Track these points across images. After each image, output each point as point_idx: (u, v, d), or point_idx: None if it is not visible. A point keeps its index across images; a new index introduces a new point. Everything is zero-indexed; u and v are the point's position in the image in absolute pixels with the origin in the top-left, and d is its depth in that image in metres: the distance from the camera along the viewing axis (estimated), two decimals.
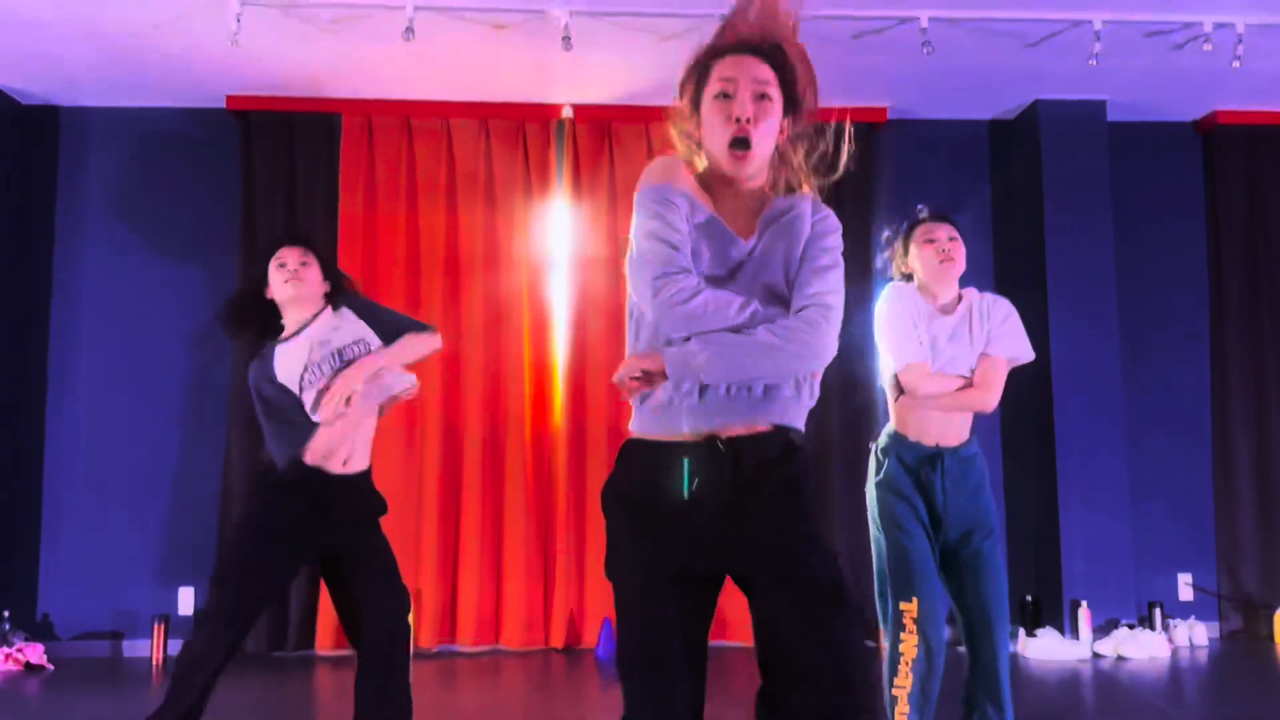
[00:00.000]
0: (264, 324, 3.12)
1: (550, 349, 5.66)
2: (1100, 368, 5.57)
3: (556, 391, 5.63)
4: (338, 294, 3.12)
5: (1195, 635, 5.45)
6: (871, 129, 5.83)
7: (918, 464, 2.86)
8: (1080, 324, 5.57)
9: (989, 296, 3.02)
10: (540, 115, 5.69)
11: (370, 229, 5.65)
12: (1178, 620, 5.50)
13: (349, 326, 3.07)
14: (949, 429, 2.91)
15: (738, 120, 1.75)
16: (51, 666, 5.11)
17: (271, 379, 2.98)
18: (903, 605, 2.78)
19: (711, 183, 1.84)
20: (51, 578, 5.48)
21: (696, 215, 1.79)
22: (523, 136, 5.73)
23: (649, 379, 1.76)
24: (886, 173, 5.92)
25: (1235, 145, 5.93)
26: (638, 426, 1.82)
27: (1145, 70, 5.30)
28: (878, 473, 2.91)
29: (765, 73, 1.79)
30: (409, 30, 4.46)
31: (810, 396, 1.82)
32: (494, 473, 5.55)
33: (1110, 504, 5.48)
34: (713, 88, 1.80)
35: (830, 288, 1.76)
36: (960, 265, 2.99)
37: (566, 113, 5.67)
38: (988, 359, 2.92)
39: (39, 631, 5.36)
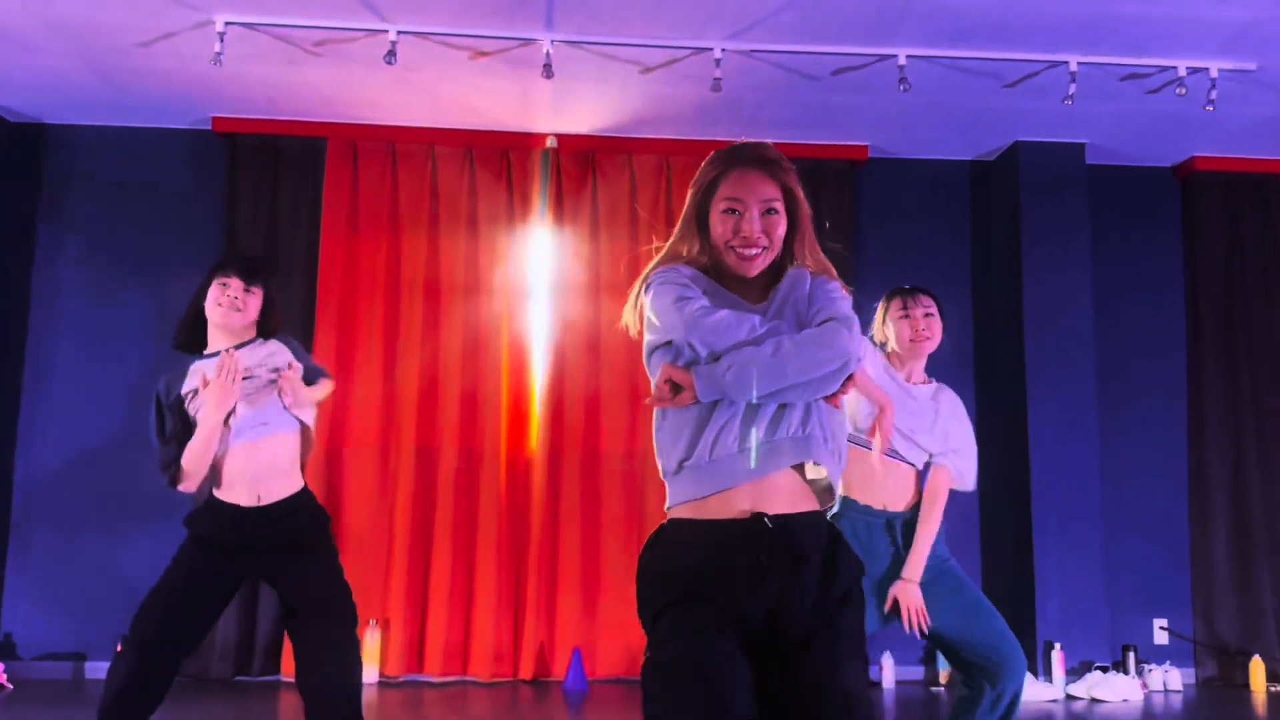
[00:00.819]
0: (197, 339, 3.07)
1: (528, 377, 5.65)
2: (1076, 409, 5.57)
3: (533, 419, 5.62)
4: (269, 329, 3.08)
5: (1170, 680, 5.40)
6: (852, 166, 5.88)
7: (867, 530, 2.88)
8: (1057, 366, 5.57)
9: (958, 402, 3.03)
10: (524, 144, 5.73)
11: (352, 253, 5.67)
12: (1152, 665, 5.45)
13: (278, 354, 3.04)
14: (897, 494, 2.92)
15: (744, 239, 1.84)
16: (11, 686, 5.04)
17: (175, 393, 2.95)
18: None
19: (715, 271, 1.91)
20: (16, 598, 5.41)
21: (706, 290, 1.87)
22: (507, 165, 5.77)
23: (677, 392, 1.79)
24: (867, 211, 5.97)
25: (1213, 192, 5.98)
26: (680, 496, 1.81)
27: (1123, 114, 5.36)
28: None
29: (771, 190, 1.86)
30: (391, 54, 4.50)
31: (837, 446, 1.83)
32: (467, 501, 5.51)
33: (1085, 546, 5.46)
34: (720, 204, 1.87)
35: (843, 310, 1.82)
36: (933, 343, 3.01)
37: (551, 142, 5.71)
38: (941, 470, 2.92)
39: (1, 651, 5.28)
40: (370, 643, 5.28)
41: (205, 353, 3.03)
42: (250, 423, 2.96)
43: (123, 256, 5.67)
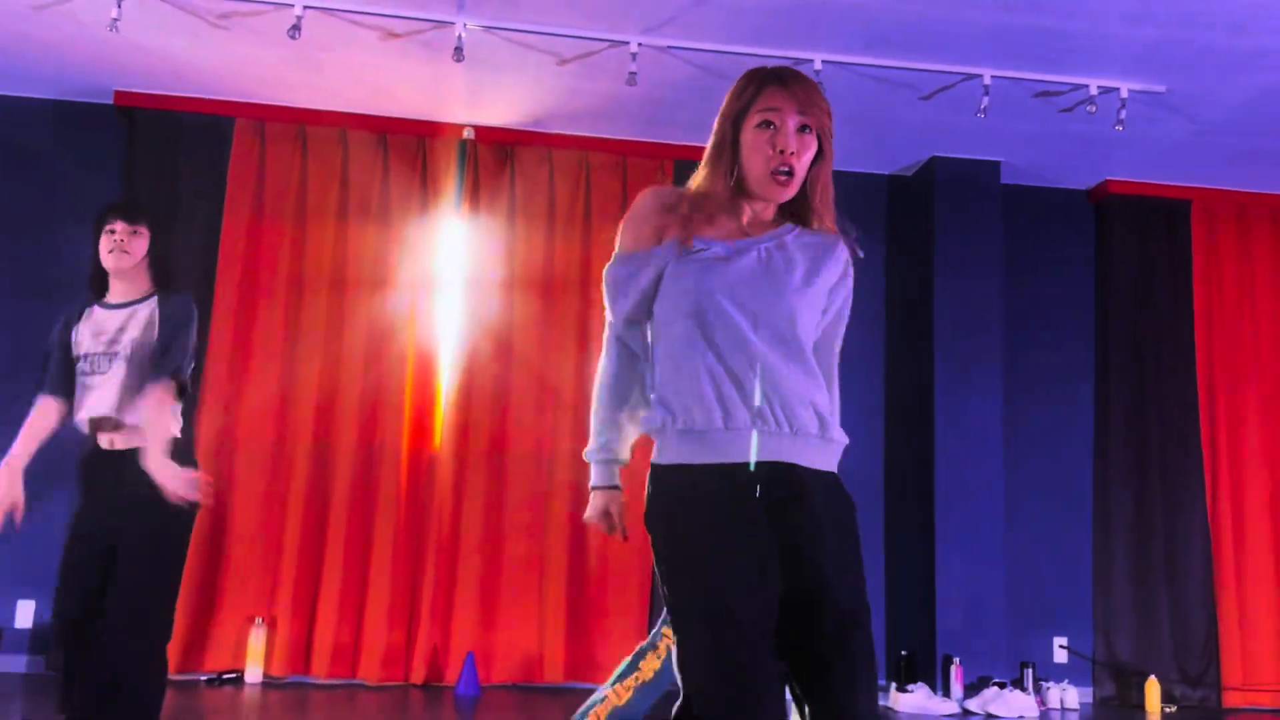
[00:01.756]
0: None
1: (434, 373, 5.50)
2: (983, 425, 5.58)
3: (438, 418, 5.47)
4: (166, 285, 3.02)
5: (1067, 699, 5.40)
6: None
7: None
8: (965, 383, 5.58)
9: None
10: (440, 134, 5.60)
11: (255, 239, 5.48)
12: (1050, 682, 5.46)
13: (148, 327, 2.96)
14: None
15: (781, 152, 1.80)
16: None
17: (66, 339, 2.98)
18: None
19: (731, 199, 1.88)
20: None
21: (702, 209, 1.88)
22: (422, 155, 5.63)
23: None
24: None
25: (1125, 215, 6.06)
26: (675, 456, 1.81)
27: (1038, 134, 5.40)
28: None
29: (808, 107, 1.83)
30: (295, 29, 4.36)
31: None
32: (364, 499, 5.34)
33: (987, 562, 5.46)
34: (755, 117, 1.82)
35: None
36: None
37: (468, 134, 5.59)
38: None
39: None
40: (255, 642, 5.08)
41: (105, 301, 3.02)
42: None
43: (14, 232, 5.41)
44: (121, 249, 2.95)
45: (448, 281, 5.56)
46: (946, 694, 5.20)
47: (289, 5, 4.37)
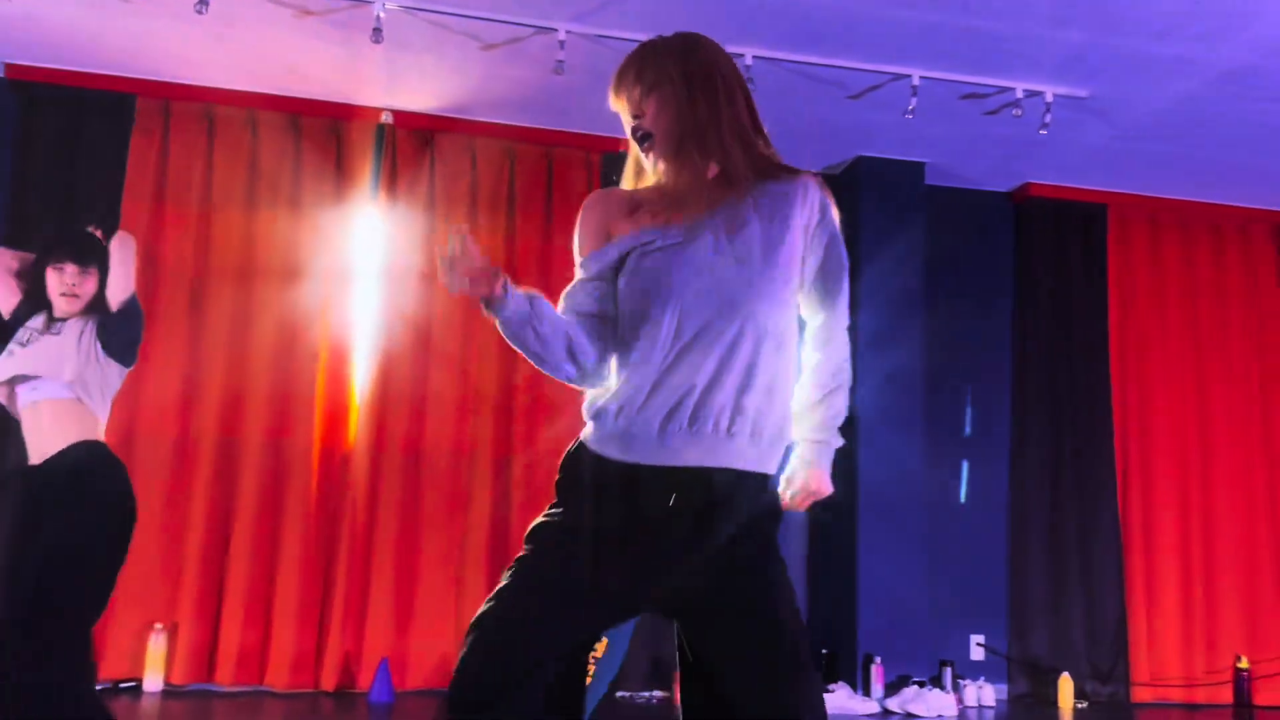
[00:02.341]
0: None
1: (348, 369, 5.29)
2: (904, 424, 5.58)
3: (352, 415, 5.26)
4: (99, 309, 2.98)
5: (984, 696, 5.45)
6: None
7: None
8: (886, 384, 5.58)
9: None
10: (356, 118, 5.39)
11: (157, 227, 5.20)
12: (968, 680, 5.50)
13: (63, 356, 2.92)
14: None
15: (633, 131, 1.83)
16: None
17: None
18: None
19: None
20: None
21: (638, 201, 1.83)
22: (336, 139, 5.41)
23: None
24: None
25: (1044, 218, 6.14)
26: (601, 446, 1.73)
27: (963, 135, 5.42)
28: None
29: (624, 105, 1.83)
30: (202, 2, 4.12)
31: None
32: (273, 499, 5.11)
33: (908, 561, 5.47)
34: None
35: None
36: None
37: (386, 118, 5.39)
38: None
39: None
40: (155, 648, 4.83)
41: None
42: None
43: None
44: (71, 292, 2.92)
45: (363, 273, 5.35)
46: (867, 693, 5.20)
47: None
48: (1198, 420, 6.10)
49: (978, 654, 5.77)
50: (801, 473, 1.82)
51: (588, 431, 1.75)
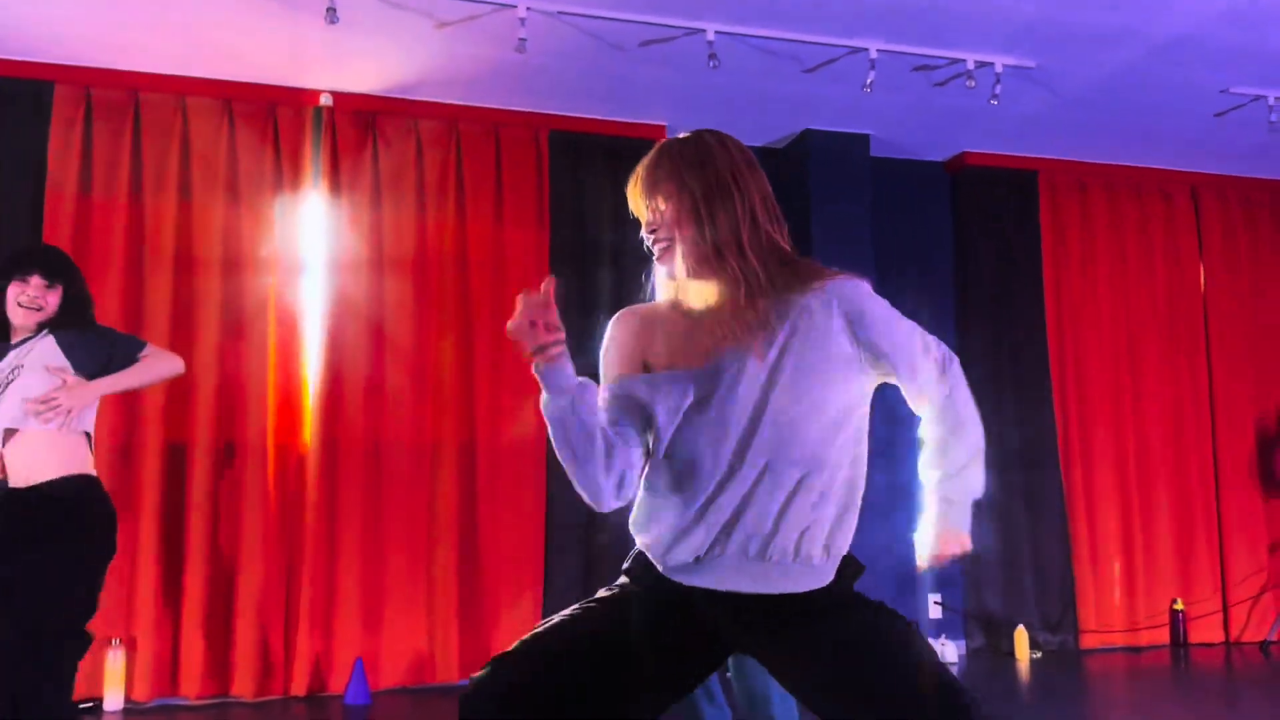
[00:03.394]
0: None
1: (299, 361, 5.09)
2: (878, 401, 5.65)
3: (306, 409, 5.07)
4: (61, 322, 2.94)
5: (947, 652, 5.62)
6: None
7: None
8: None
9: None
10: (294, 101, 5.15)
11: (84, 221, 4.89)
12: (930, 638, 5.65)
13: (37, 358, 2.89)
14: None
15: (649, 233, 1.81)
16: None
17: None
18: None
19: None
20: None
21: (656, 320, 1.86)
22: (273, 123, 5.16)
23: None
24: None
25: (979, 186, 6.27)
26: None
27: (905, 107, 5.48)
28: None
29: (645, 200, 1.81)
30: None
31: None
32: (228, 501, 4.90)
33: (868, 529, 5.54)
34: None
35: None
36: None
37: (325, 100, 5.16)
38: None
39: None
40: (113, 665, 4.59)
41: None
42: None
43: None
44: (34, 304, 2.88)
45: (311, 261, 5.15)
46: None
47: None
48: (1130, 374, 6.35)
49: (935, 613, 5.93)
50: (931, 533, 1.81)
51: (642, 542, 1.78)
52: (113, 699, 4.59)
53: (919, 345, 1.79)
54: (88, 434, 2.99)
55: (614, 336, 1.82)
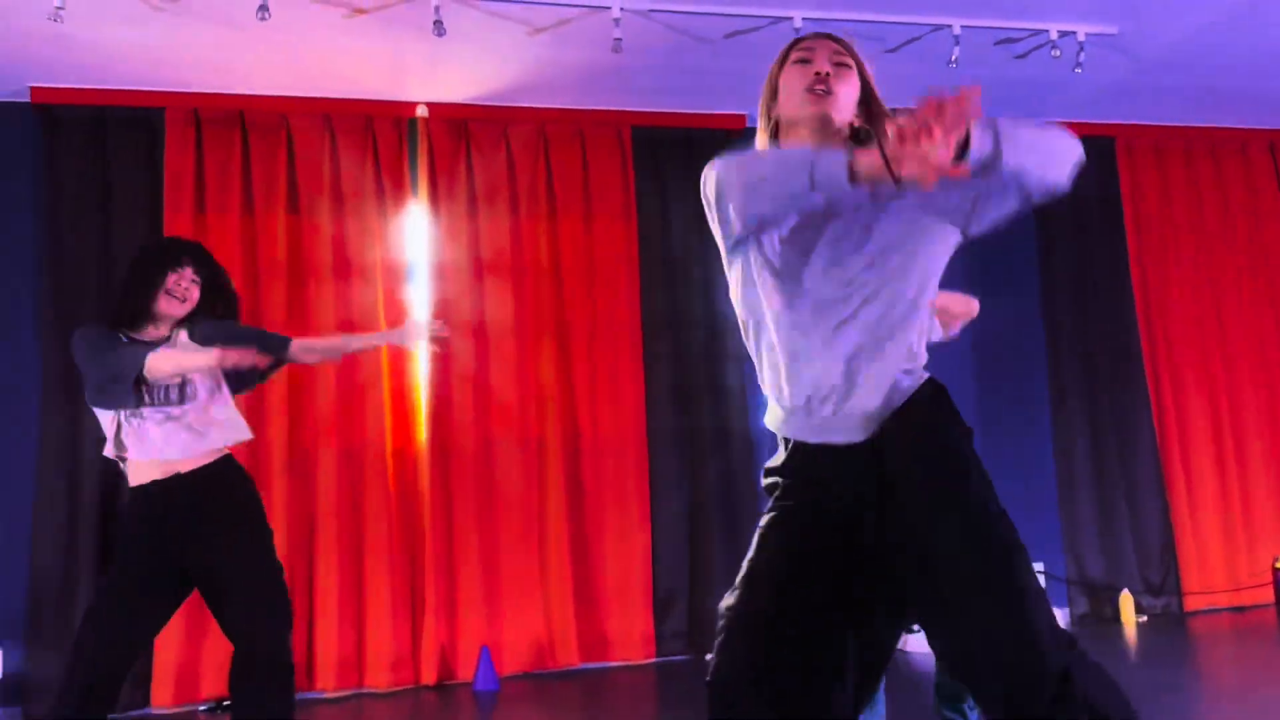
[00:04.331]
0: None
1: (410, 363, 5.28)
2: (948, 367, 5.70)
3: (419, 408, 5.26)
4: (197, 316, 3.06)
5: None
6: (729, 136, 5.81)
7: None
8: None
9: None
10: (390, 113, 5.34)
11: (200, 238, 5.07)
12: None
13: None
14: None
15: (816, 74, 1.84)
16: None
17: (138, 372, 2.85)
18: None
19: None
20: None
21: None
22: (372, 136, 5.35)
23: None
24: None
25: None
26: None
27: (985, 80, 5.46)
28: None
29: (840, 48, 1.90)
30: (264, 9, 4.05)
31: None
32: (351, 501, 5.10)
33: None
34: (792, 60, 1.89)
35: None
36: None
37: (421, 111, 5.34)
38: None
39: None
40: None
41: (144, 336, 2.97)
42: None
43: None
44: (182, 296, 2.98)
45: (415, 266, 5.33)
46: None
47: None
48: (1219, 332, 6.34)
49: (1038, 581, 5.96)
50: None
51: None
52: None
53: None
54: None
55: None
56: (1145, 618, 5.83)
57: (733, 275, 1.86)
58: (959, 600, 1.64)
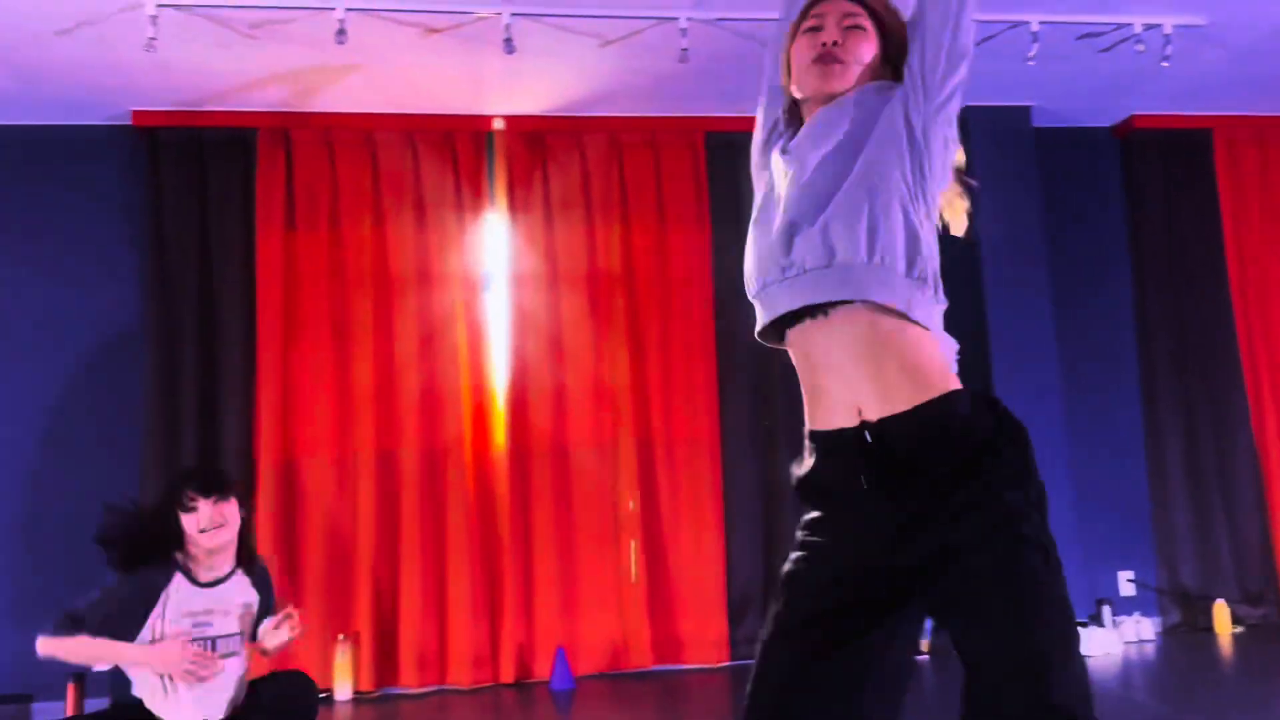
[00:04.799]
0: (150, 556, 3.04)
1: (488, 369, 5.42)
2: (1037, 367, 5.62)
3: (497, 413, 5.40)
4: (251, 556, 3.11)
5: (1142, 630, 5.51)
6: None
7: None
8: (1017, 329, 5.61)
9: None
10: (470, 127, 5.48)
11: (290, 249, 5.34)
12: (1123, 616, 5.55)
13: (240, 607, 3.09)
14: None
15: (823, 44, 1.73)
16: None
17: (148, 599, 2.93)
18: None
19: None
20: None
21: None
22: (452, 149, 5.51)
23: None
24: None
25: (1150, 149, 6.10)
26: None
27: (1069, 74, 5.40)
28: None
29: (854, 8, 1.75)
30: (341, 33, 4.22)
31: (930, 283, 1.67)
32: (433, 502, 5.27)
33: (1055, 505, 5.47)
34: (802, 29, 1.78)
35: None
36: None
37: (497, 124, 5.47)
38: None
39: None
40: (341, 659, 5.01)
41: (195, 574, 3.06)
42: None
43: (41, 264, 5.24)
44: (215, 523, 2.98)
45: (493, 276, 5.47)
46: None
47: (329, 9, 4.23)
48: None
49: (1128, 590, 5.81)
50: None
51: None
52: (342, 689, 5.01)
53: None
54: None
55: None
56: (1241, 628, 5.62)
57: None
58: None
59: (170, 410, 5.04)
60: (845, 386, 1.62)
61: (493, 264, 5.48)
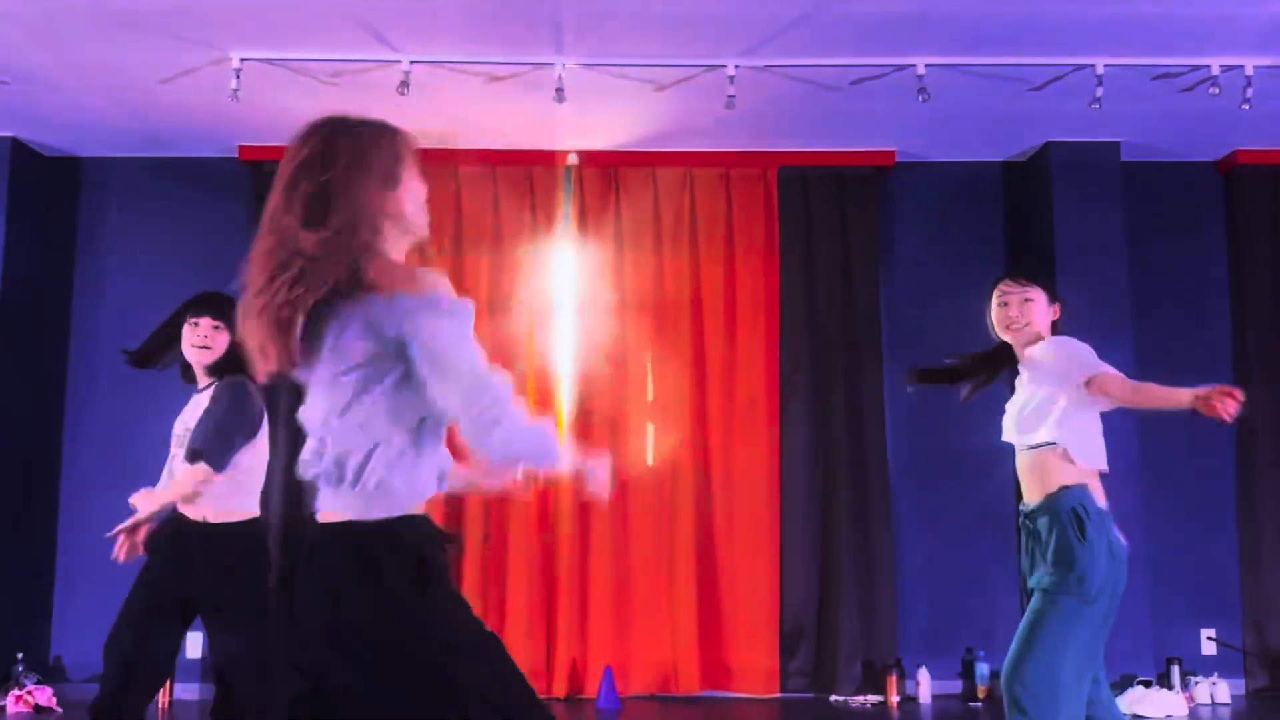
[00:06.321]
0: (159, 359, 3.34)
1: (554, 394, 5.65)
2: (1116, 414, 5.40)
3: (560, 438, 5.60)
4: (226, 369, 3.20)
5: (1217, 693, 5.25)
6: (879, 172, 5.78)
7: None
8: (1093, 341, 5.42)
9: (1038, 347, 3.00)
10: (547, 161, 5.72)
11: None
12: (1199, 677, 5.31)
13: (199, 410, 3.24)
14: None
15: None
16: (60, 710, 5.18)
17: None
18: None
19: None
20: (65, 621, 5.56)
21: None
22: (530, 183, 5.76)
23: None
24: (897, 215, 5.88)
25: (1258, 185, 5.78)
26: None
27: (1160, 112, 5.19)
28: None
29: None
30: (404, 85, 4.51)
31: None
32: (496, 521, 5.54)
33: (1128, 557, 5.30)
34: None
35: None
36: (1028, 331, 3.04)
37: (572, 159, 5.69)
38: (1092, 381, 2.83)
39: (51, 674, 5.44)
40: None
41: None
42: None
43: (159, 286, 5.76)
44: (204, 344, 3.16)
45: (562, 303, 5.69)
46: None
47: (395, 61, 4.52)
48: None
49: (1209, 649, 5.55)
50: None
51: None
52: None
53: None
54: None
55: None
56: None
57: None
58: None
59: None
60: None
61: (563, 292, 5.70)
